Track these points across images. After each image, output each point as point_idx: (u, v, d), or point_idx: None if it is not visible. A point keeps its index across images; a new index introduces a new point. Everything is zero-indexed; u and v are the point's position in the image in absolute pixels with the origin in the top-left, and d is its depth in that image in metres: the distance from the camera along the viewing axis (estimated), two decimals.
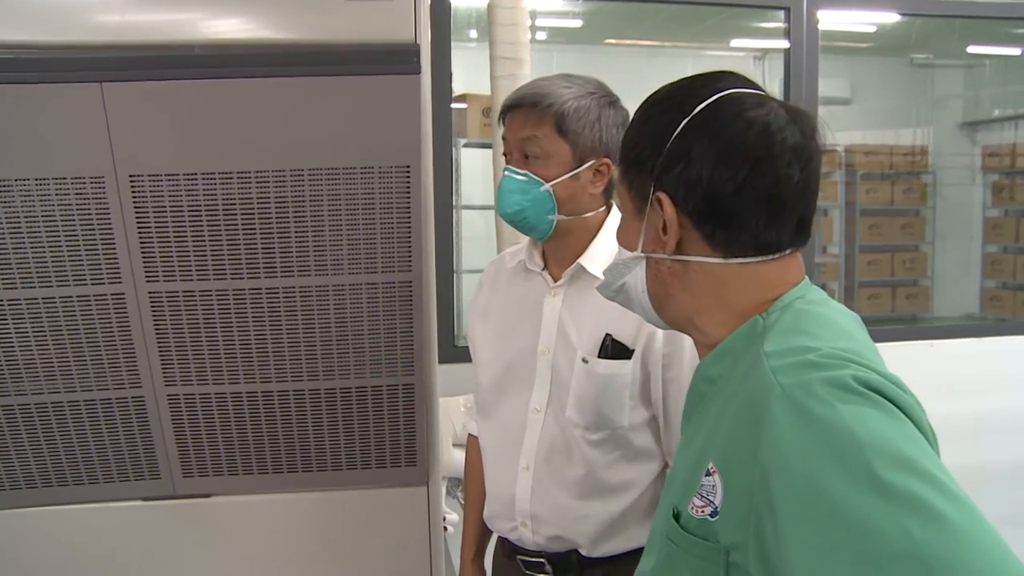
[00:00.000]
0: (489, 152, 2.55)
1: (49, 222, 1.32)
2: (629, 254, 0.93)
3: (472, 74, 3.13)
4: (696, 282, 0.89)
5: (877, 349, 0.86)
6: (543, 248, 1.47)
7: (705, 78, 0.90)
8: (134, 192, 1.32)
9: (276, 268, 1.39)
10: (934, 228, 6.70)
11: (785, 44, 3.16)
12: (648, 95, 0.93)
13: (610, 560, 1.41)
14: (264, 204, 1.35)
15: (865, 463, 0.67)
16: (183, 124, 1.30)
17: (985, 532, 0.65)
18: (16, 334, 1.38)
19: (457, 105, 3.13)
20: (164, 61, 1.26)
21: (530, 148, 1.36)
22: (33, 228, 1.32)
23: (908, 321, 6.28)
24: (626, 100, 1.38)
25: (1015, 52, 6.57)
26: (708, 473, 0.80)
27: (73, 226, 1.33)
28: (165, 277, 1.38)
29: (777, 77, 3.27)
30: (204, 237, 1.36)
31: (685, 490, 0.84)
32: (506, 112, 1.39)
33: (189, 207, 1.34)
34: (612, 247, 1.03)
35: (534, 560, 1.46)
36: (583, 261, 1.40)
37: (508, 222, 1.41)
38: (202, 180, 1.32)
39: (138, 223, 1.34)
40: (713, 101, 0.86)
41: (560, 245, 1.42)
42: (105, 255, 1.35)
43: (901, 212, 6.54)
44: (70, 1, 1.26)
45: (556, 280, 1.43)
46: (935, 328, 5.30)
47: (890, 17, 4.82)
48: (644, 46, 6.20)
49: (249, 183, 1.34)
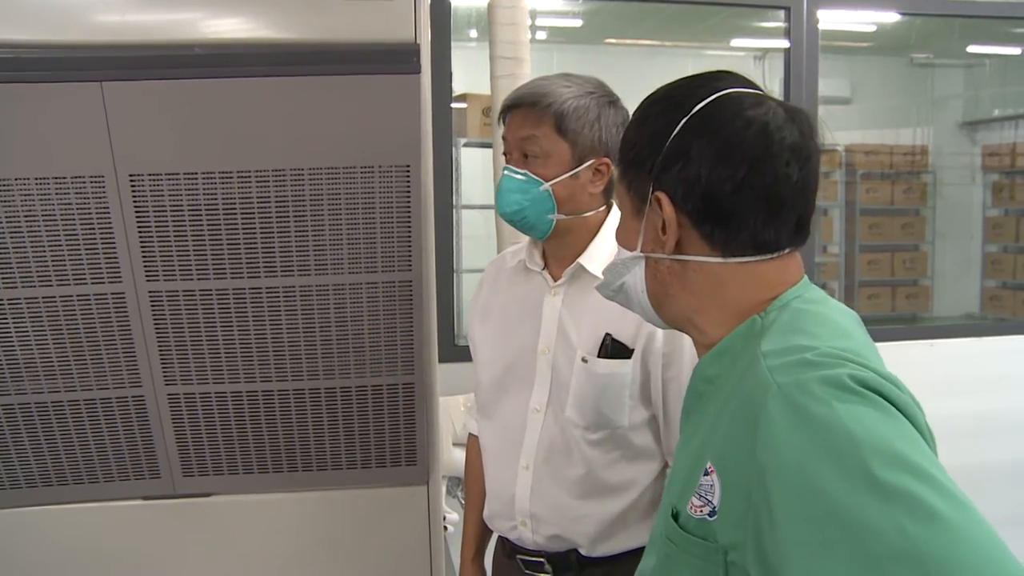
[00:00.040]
0: (489, 152, 2.56)
1: (49, 221, 1.32)
2: (628, 254, 0.93)
3: (472, 74, 3.13)
4: (695, 281, 0.89)
5: (876, 348, 0.86)
6: (543, 248, 1.47)
7: (703, 78, 0.90)
8: (134, 191, 1.32)
9: (276, 267, 1.39)
10: (934, 228, 6.71)
11: (785, 44, 3.16)
12: (647, 95, 0.93)
13: (610, 560, 1.41)
14: (264, 203, 1.35)
15: (861, 462, 0.67)
16: (183, 123, 1.31)
17: (981, 531, 0.65)
18: (16, 333, 1.38)
19: (457, 105, 3.13)
20: (164, 60, 1.26)
21: (530, 147, 1.36)
22: (33, 227, 1.32)
23: (908, 321, 6.28)
24: (626, 100, 1.37)
25: (1015, 52, 6.57)
26: (706, 473, 0.80)
27: (73, 225, 1.33)
28: (165, 276, 1.38)
29: (777, 77, 3.27)
30: (204, 236, 1.36)
31: (684, 490, 0.85)
32: (506, 111, 1.39)
33: (189, 206, 1.34)
34: (612, 247, 1.03)
35: (534, 560, 1.46)
36: (583, 260, 1.40)
37: (508, 221, 1.41)
38: (202, 179, 1.33)
39: (138, 222, 1.34)
40: (712, 101, 0.86)
41: (560, 244, 1.42)
42: (105, 254, 1.35)
43: (901, 212, 6.54)
44: (70, 1, 1.26)
45: (556, 279, 1.43)
46: (935, 328, 5.29)
47: (890, 17, 4.82)
48: (644, 46, 6.20)
49: (249, 182, 1.34)
